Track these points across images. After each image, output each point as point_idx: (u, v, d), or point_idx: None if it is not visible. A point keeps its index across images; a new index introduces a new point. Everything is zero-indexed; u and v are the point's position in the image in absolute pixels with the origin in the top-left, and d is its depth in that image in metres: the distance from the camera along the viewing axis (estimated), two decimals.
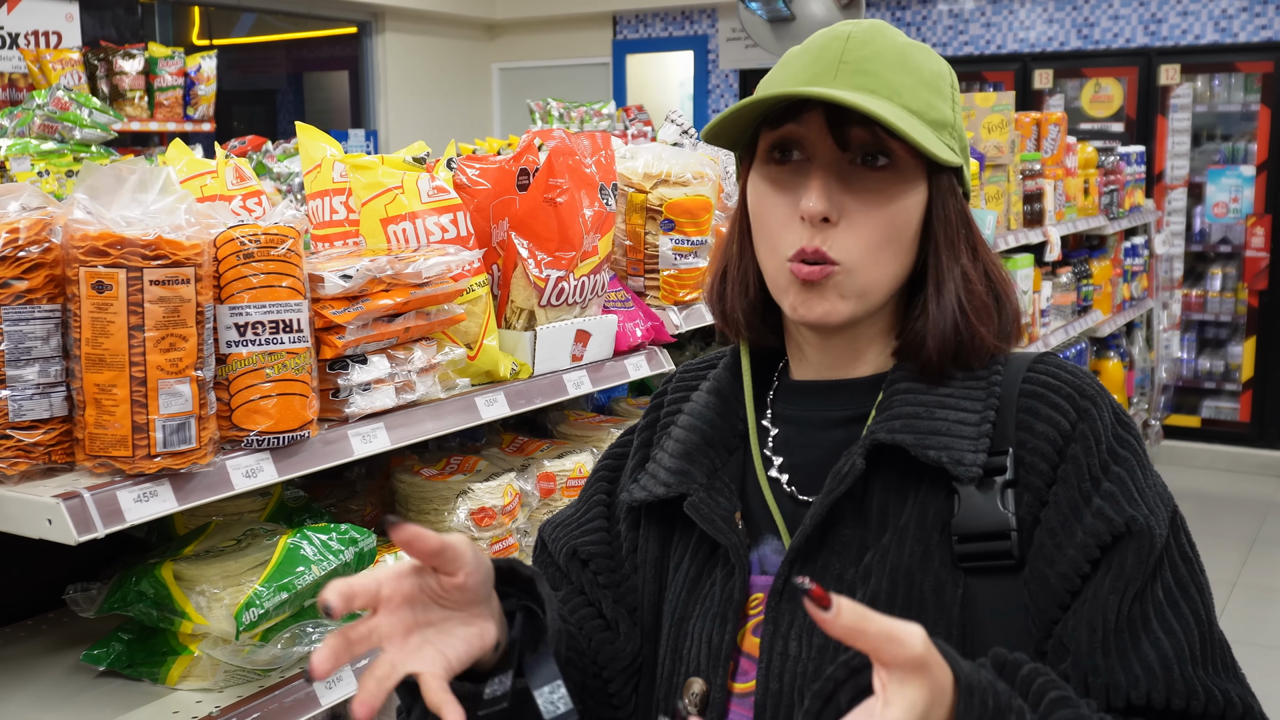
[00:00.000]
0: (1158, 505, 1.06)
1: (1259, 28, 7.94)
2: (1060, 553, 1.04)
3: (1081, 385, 1.11)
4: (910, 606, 1.05)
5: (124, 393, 1.41)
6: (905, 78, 1.09)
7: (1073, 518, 1.05)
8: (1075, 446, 1.07)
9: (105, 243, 1.39)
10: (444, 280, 1.81)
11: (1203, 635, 1.03)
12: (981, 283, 1.14)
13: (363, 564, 1.71)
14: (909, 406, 1.10)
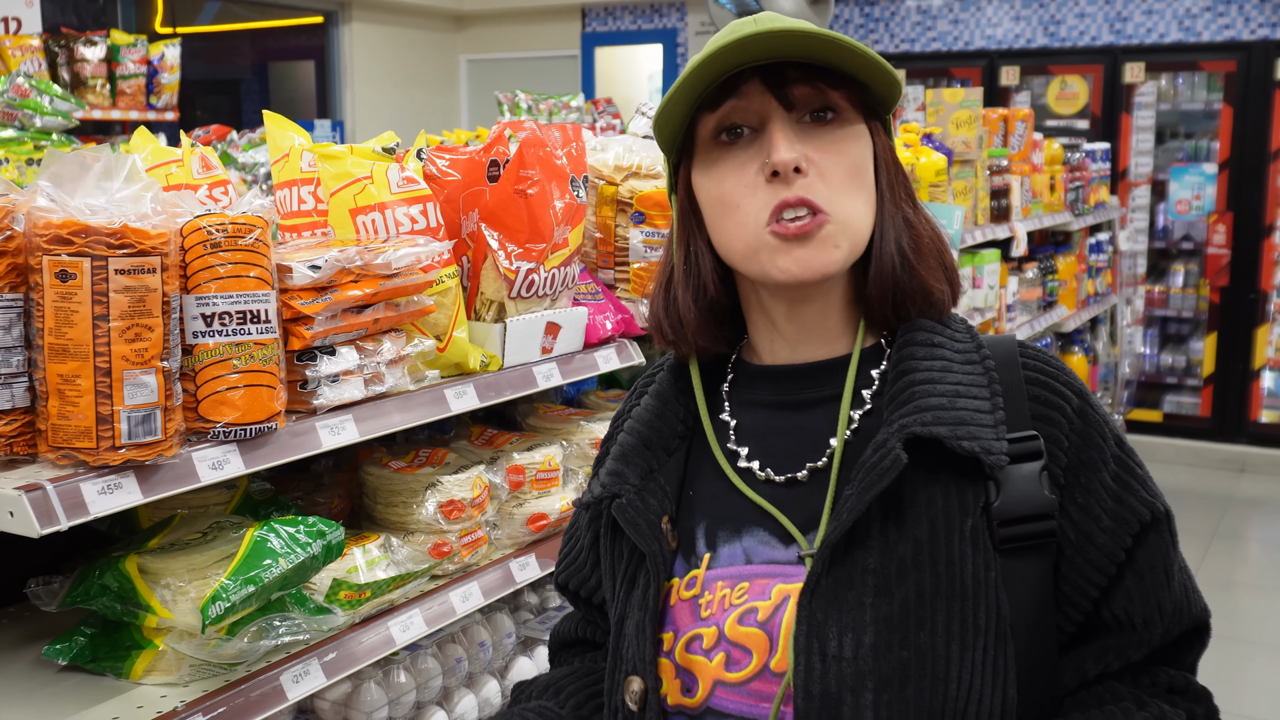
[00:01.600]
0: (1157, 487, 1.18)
1: (1222, 27, 8.02)
2: (1103, 539, 1.13)
3: (1072, 380, 1.19)
4: (954, 596, 1.07)
5: (88, 383, 1.39)
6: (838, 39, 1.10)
7: (1112, 501, 1.13)
8: (1090, 432, 1.15)
9: (69, 231, 1.37)
10: (413, 271, 1.80)
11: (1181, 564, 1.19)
12: (926, 230, 1.17)
13: (330, 557, 1.69)
14: (932, 396, 1.12)
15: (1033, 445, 1.13)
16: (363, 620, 1.81)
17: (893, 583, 1.08)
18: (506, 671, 2.21)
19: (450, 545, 1.98)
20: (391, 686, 1.94)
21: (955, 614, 1.07)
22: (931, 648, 1.05)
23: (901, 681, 1.05)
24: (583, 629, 1.43)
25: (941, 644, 1.06)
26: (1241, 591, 5.88)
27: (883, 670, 1.05)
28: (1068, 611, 1.15)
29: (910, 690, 1.05)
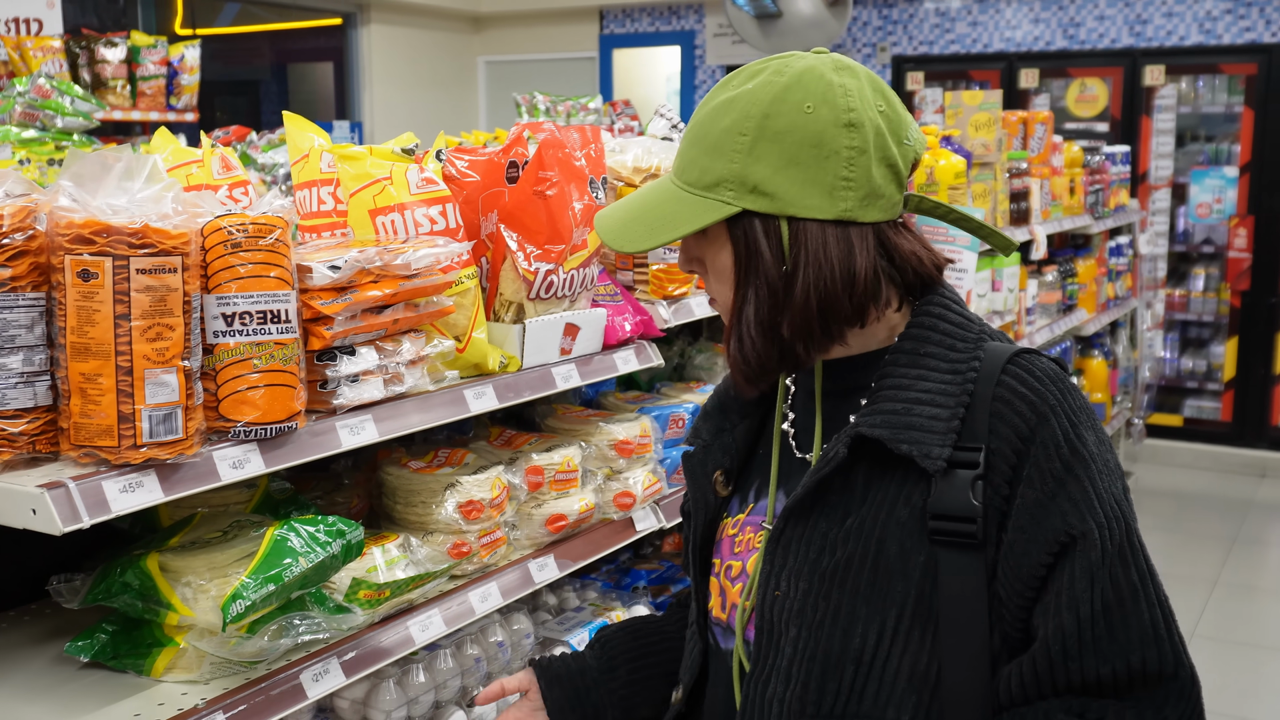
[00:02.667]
0: (1111, 509, 1.25)
1: (1243, 30, 7.97)
2: (1025, 545, 1.25)
3: (1044, 395, 1.28)
4: (878, 568, 1.27)
5: (110, 382, 1.40)
6: (694, 150, 1.32)
7: (1034, 516, 1.25)
8: (1036, 450, 1.26)
9: (91, 230, 1.37)
10: (433, 272, 1.80)
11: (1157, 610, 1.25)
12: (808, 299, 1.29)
13: (350, 556, 1.70)
14: (891, 403, 1.30)
15: (972, 456, 1.26)
16: (382, 620, 1.81)
17: (835, 546, 1.30)
18: None
19: (469, 545, 1.98)
20: (410, 686, 1.95)
21: (871, 582, 1.27)
22: (845, 604, 1.28)
23: (817, 626, 1.29)
24: None
25: (853, 602, 1.28)
26: (1262, 597, 5.85)
27: (806, 614, 1.30)
28: (1005, 615, 1.28)
29: (823, 634, 1.28)
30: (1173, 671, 1.23)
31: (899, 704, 1.27)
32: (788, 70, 1.28)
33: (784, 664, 1.31)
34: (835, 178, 1.27)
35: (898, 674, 1.27)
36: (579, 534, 2.23)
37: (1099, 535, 1.23)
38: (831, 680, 1.28)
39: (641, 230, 1.34)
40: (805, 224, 1.28)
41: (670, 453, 2.53)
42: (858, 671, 1.27)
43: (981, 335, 1.34)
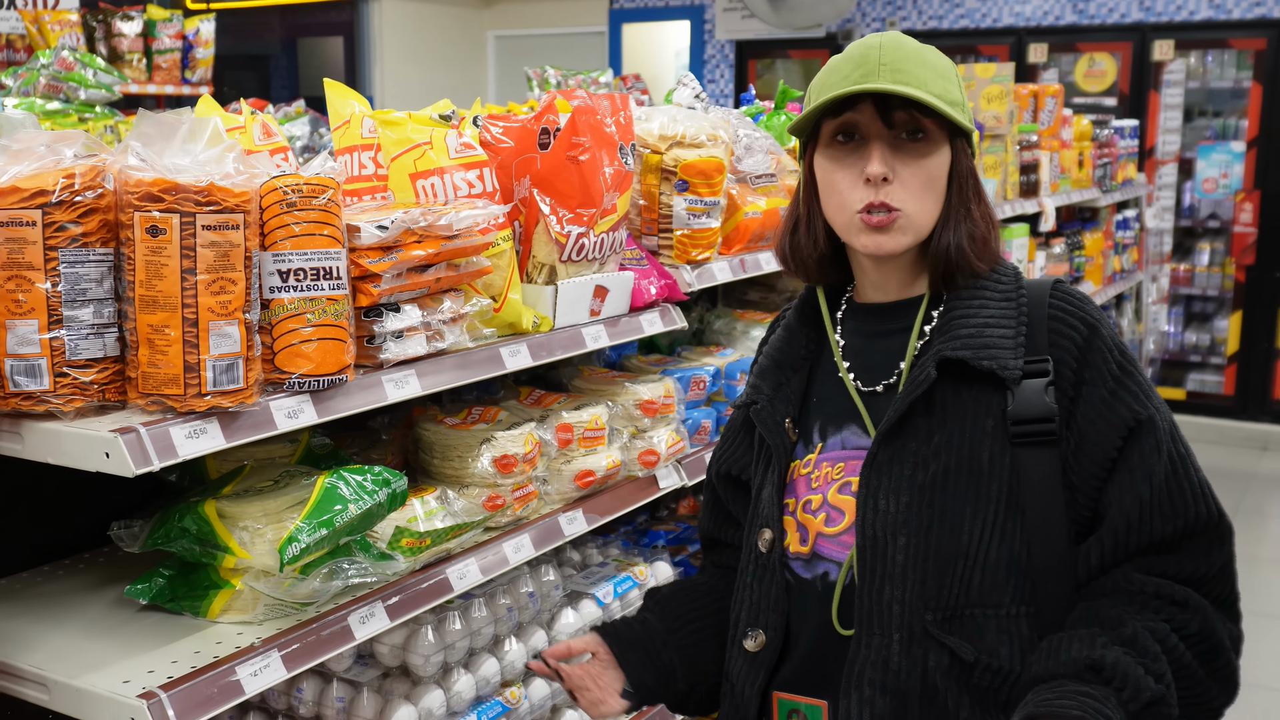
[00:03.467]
0: (1160, 403, 1.49)
1: (1252, 4, 8.00)
2: (1098, 435, 1.45)
3: (1090, 311, 1.51)
4: (974, 472, 1.45)
5: (176, 333, 1.47)
6: (926, 71, 1.48)
7: (1104, 409, 1.46)
8: (1093, 356, 1.47)
9: (160, 189, 1.45)
10: (472, 233, 1.87)
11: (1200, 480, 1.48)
12: (981, 225, 1.53)
13: (395, 504, 1.78)
14: (965, 329, 1.49)
15: (1042, 366, 1.47)
16: (423, 567, 1.89)
17: (928, 461, 1.47)
18: (553, 623, 2.30)
19: (503, 498, 2.06)
20: (447, 633, 2.03)
21: (970, 485, 1.45)
22: (950, 508, 1.45)
23: (926, 530, 1.45)
24: (720, 530, 1.79)
25: (957, 505, 1.45)
26: (1263, 567, 5.94)
27: (912, 522, 1.45)
28: (1077, 499, 1.47)
29: (932, 537, 1.45)
30: (1216, 522, 1.46)
31: (1001, 588, 1.45)
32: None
33: (897, 570, 1.45)
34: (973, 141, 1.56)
35: (999, 563, 1.44)
36: (606, 490, 2.31)
37: (1159, 418, 1.46)
38: (947, 576, 1.44)
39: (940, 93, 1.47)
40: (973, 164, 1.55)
41: (692, 414, 2.61)
42: (966, 565, 1.44)
43: (1016, 272, 1.58)
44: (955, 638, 1.43)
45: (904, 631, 1.45)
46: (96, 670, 1.58)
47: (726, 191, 2.62)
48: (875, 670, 1.46)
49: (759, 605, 1.59)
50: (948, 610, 1.44)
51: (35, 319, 1.45)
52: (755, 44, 9.91)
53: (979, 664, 1.43)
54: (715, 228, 2.55)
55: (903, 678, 1.45)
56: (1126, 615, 1.41)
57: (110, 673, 1.57)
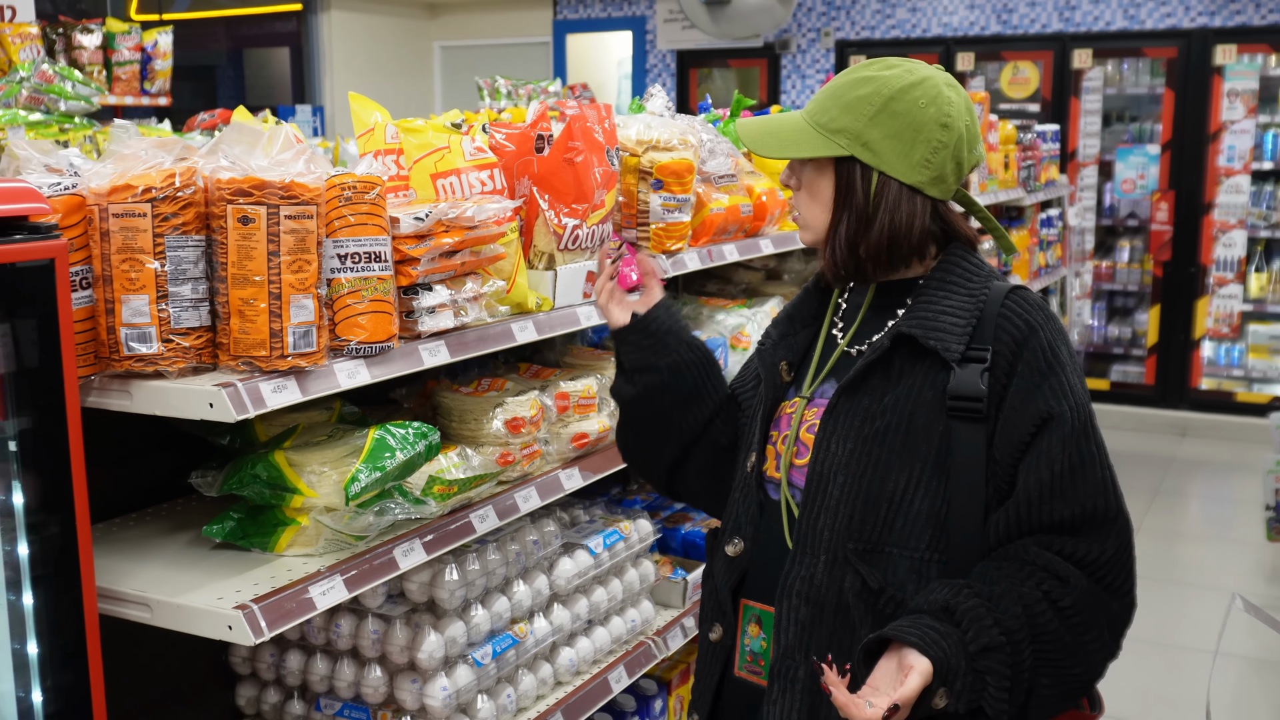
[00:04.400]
0: (1080, 402, 1.70)
1: (1164, 15, 8.51)
2: (1017, 421, 1.69)
3: (1034, 315, 1.74)
4: (910, 432, 1.72)
5: (263, 305, 1.78)
6: (827, 101, 1.78)
7: (1025, 399, 1.69)
8: (1027, 353, 1.71)
9: (250, 185, 1.75)
10: (489, 224, 2.18)
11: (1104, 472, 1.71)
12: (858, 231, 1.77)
13: (430, 455, 2.09)
14: (926, 312, 1.76)
15: (982, 354, 1.72)
16: (450, 511, 2.21)
17: (875, 417, 1.74)
18: (553, 569, 2.61)
19: (513, 455, 2.37)
20: (467, 572, 2.34)
21: (904, 442, 1.71)
22: (883, 458, 1.71)
23: (860, 474, 1.72)
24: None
25: (889, 457, 1.71)
26: (1182, 542, 6.39)
27: (852, 465, 1.73)
28: (997, 472, 1.71)
29: (864, 480, 1.72)
30: (1114, 516, 1.69)
31: (919, 535, 1.70)
32: (916, 72, 1.76)
33: (832, 503, 1.73)
34: (921, 157, 1.74)
35: (919, 513, 1.70)
36: (597, 451, 2.63)
37: (1069, 415, 1.67)
38: (870, 515, 1.71)
39: (776, 144, 1.80)
40: (890, 181, 1.75)
41: None
42: (890, 509, 1.70)
43: (990, 275, 1.81)
44: (868, 566, 1.70)
45: (829, 554, 1.73)
46: (190, 591, 1.87)
47: (694, 190, 2.95)
48: (803, 583, 1.75)
49: (740, 518, 1.89)
50: (868, 544, 1.71)
51: (146, 294, 1.75)
52: (695, 54, 10.28)
53: (884, 593, 1.69)
54: (686, 222, 2.88)
55: (822, 592, 1.73)
56: (1005, 577, 1.65)
57: (203, 593, 1.86)
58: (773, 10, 9.27)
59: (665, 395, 1.97)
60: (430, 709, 2.28)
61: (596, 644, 2.72)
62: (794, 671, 1.75)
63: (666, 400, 1.97)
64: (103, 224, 1.74)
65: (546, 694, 2.59)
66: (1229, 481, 7.52)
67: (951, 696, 1.59)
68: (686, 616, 3.02)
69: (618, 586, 2.80)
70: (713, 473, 2.03)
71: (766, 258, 3.84)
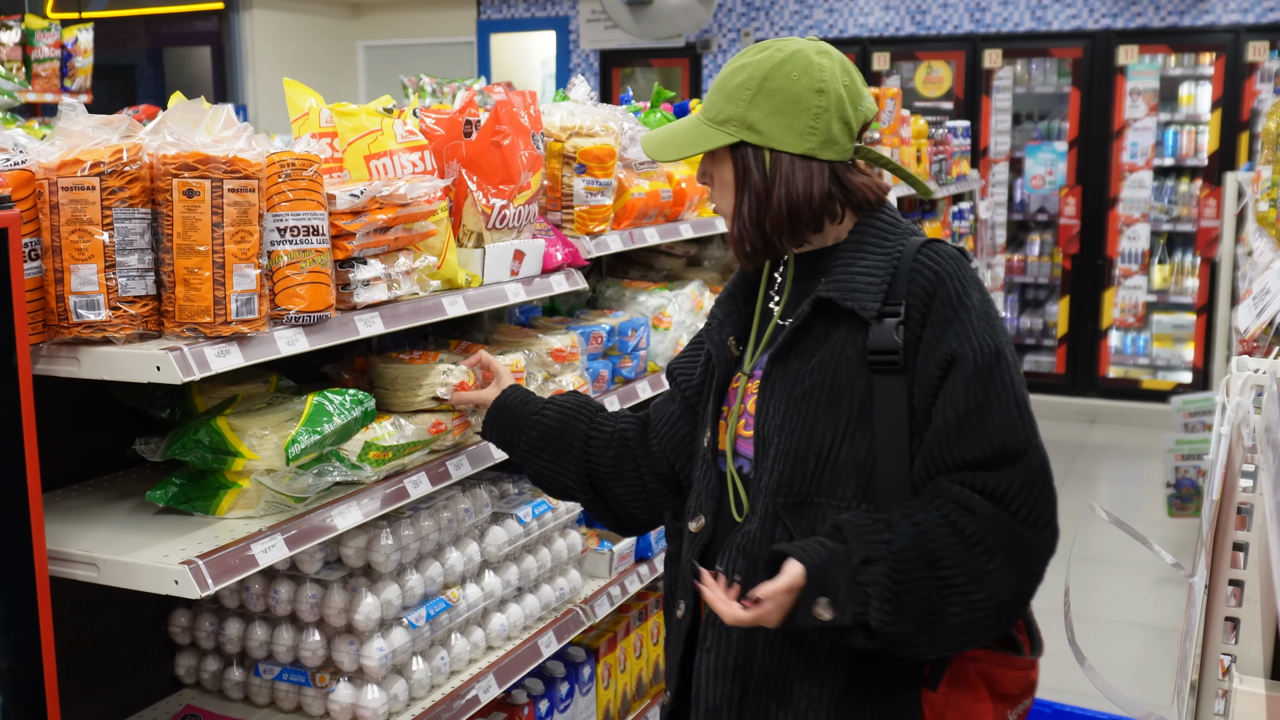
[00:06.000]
0: (985, 339, 1.78)
1: (1069, 17, 8.81)
2: (928, 367, 1.79)
3: (944, 266, 1.83)
4: (834, 389, 1.84)
5: (207, 274, 1.87)
6: (713, 96, 1.91)
7: (933, 346, 1.79)
8: (936, 304, 1.80)
9: (195, 160, 1.84)
10: (420, 202, 2.29)
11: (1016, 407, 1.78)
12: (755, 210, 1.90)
13: (366, 420, 2.19)
14: (842, 275, 1.87)
15: (896, 309, 1.81)
16: (385, 477, 2.31)
17: (804, 378, 1.86)
18: (483, 536, 2.72)
19: (444, 425, 2.48)
20: (401, 536, 2.44)
21: (829, 399, 1.83)
22: (810, 415, 1.84)
23: (792, 432, 1.85)
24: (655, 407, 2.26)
25: (815, 414, 1.84)
26: (1092, 521, 6.64)
27: (785, 426, 1.86)
28: (917, 419, 1.81)
29: (795, 437, 1.84)
30: (1024, 450, 1.76)
31: (845, 485, 1.81)
32: (785, 49, 1.87)
33: (770, 463, 1.85)
34: (805, 126, 1.85)
35: (846, 464, 1.81)
36: None
37: (972, 356, 1.76)
38: (800, 469, 1.83)
39: (674, 147, 1.94)
40: (781, 155, 1.86)
41: (592, 364, 3.06)
42: (817, 462, 1.82)
43: (907, 233, 1.91)
44: (794, 519, 1.82)
45: (765, 511, 1.85)
46: (137, 551, 1.96)
47: (616, 175, 3.08)
48: (743, 538, 1.88)
49: (701, 494, 2.00)
50: (798, 497, 1.83)
51: (95, 263, 1.83)
52: (618, 53, 10.43)
53: None
54: (609, 205, 3.01)
55: (757, 546, 1.85)
56: (910, 508, 1.74)
57: (149, 552, 1.95)
58: (694, 11, 9.45)
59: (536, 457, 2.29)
60: (367, 669, 2.38)
61: (527, 610, 2.84)
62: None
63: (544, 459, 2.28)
64: (52, 197, 1.83)
65: (479, 657, 2.70)
66: (1135, 464, 7.82)
67: (835, 608, 1.69)
68: (613, 586, 3.15)
69: (546, 555, 2.91)
70: (643, 501, 2.21)
71: (687, 244, 3.98)
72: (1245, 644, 1.28)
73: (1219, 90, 8.43)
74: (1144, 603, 5.54)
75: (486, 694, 2.61)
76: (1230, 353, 6.04)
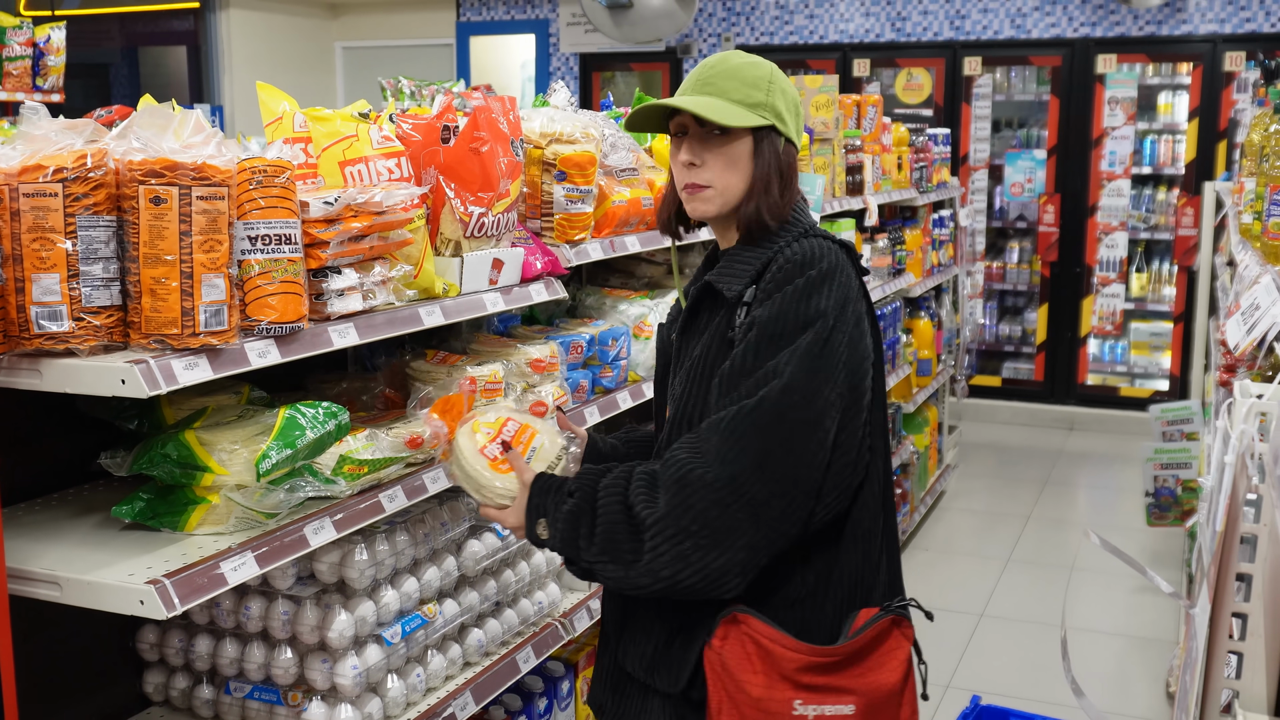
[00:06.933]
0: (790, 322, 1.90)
1: (1049, 25, 8.82)
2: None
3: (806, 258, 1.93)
4: (705, 363, 1.98)
5: (175, 284, 1.81)
6: (732, 82, 1.98)
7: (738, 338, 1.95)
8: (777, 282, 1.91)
9: (162, 166, 1.78)
10: (397, 210, 2.24)
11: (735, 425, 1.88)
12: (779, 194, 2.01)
13: (341, 433, 2.13)
14: (726, 264, 2.03)
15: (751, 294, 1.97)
16: (360, 491, 2.25)
17: (691, 356, 2.03)
18: (461, 551, 2.67)
19: (422, 438, 2.42)
20: (376, 552, 2.38)
21: (700, 373, 1.99)
22: (690, 389, 2.00)
23: (680, 400, 2.03)
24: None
25: (693, 386, 2.00)
26: (1068, 528, 6.64)
27: (679, 396, 2.04)
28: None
29: (679, 404, 2.02)
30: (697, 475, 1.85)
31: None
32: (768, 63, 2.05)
33: (669, 429, 2.05)
34: (798, 126, 2.07)
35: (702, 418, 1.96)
36: None
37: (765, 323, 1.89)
38: (675, 431, 2.02)
39: (721, 116, 1.95)
40: (789, 146, 2.05)
41: (572, 374, 3.01)
42: (687, 429, 1.98)
43: (803, 232, 2.02)
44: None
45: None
46: (101, 569, 1.89)
47: (596, 183, 3.03)
48: None
49: None
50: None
51: (57, 272, 1.77)
52: (598, 57, 10.38)
53: None
54: (589, 212, 2.96)
55: None
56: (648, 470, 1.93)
57: (113, 570, 1.89)
58: (674, 15, 9.41)
59: None
60: (341, 688, 2.32)
61: (505, 625, 2.78)
62: None
63: None
64: (13, 204, 1.77)
65: (455, 674, 2.64)
66: (1113, 472, 7.82)
67: (550, 530, 1.94)
68: (593, 599, 3.09)
69: (525, 569, 2.86)
70: None
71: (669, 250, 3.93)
72: (1249, 679, 1.24)
73: (1196, 100, 8.44)
74: (1121, 612, 5.52)
75: (464, 711, 2.55)
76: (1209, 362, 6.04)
